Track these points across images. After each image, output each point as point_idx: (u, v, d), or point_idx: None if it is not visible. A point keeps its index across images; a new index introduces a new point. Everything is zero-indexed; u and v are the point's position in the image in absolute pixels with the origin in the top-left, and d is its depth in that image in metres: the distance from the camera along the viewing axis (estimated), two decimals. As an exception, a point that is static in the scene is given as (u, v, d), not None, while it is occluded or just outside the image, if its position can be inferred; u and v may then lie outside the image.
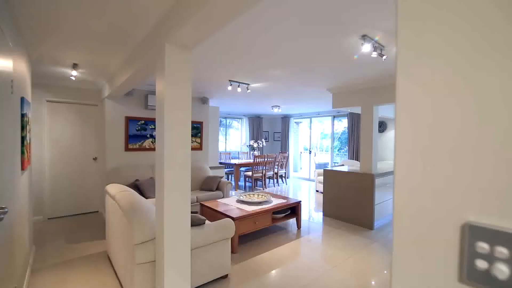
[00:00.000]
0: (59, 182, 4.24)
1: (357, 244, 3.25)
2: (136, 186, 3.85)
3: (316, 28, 2.08)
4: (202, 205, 3.54)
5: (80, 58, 2.91)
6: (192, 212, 2.37)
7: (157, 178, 1.84)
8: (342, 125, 8.34)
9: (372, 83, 3.84)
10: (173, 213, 1.79)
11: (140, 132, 4.41)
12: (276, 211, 3.47)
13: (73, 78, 3.44)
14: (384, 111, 5.21)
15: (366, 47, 2.20)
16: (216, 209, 3.24)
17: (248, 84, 4.15)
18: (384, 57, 2.42)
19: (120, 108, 4.23)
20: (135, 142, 4.37)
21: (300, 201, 3.79)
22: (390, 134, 6.37)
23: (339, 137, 8.75)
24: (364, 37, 2.17)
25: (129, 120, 4.29)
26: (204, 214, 3.51)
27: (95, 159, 4.54)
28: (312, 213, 4.70)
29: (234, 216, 2.96)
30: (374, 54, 2.30)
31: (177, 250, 1.82)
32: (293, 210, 3.79)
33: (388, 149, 6.41)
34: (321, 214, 4.60)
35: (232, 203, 3.55)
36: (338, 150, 8.73)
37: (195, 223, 2.20)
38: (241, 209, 3.27)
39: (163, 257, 1.77)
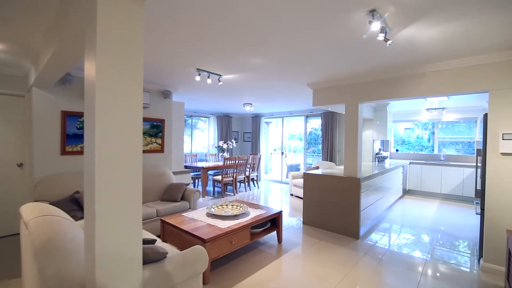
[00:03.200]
0: (-36, 197, 3.17)
1: (347, 259, 2.86)
2: (75, 200, 3.00)
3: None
4: (163, 222, 2.84)
5: (-18, 24, 2.04)
6: (146, 242, 1.71)
7: (86, 199, 1.17)
8: (309, 125, 8.12)
9: (357, 78, 3.51)
10: (112, 251, 1.15)
11: (82, 131, 3.53)
12: (254, 225, 2.92)
13: (-22, 56, 2.51)
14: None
15: (376, 25, 1.77)
16: (181, 227, 2.59)
17: (220, 76, 3.55)
18: (389, 41, 2.03)
19: (55, 100, 3.31)
20: (76, 144, 3.48)
21: (281, 211, 3.30)
22: (364, 134, 6.24)
23: (306, 138, 8.54)
24: (373, 12, 1.74)
25: (67, 116, 3.39)
26: (166, 233, 2.82)
27: (20, 165, 3.53)
28: (290, 221, 4.25)
29: (205, 237, 2.34)
30: (381, 37, 1.89)
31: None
32: (273, 221, 3.28)
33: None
34: (299, 221, 4.18)
35: (201, 217, 2.92)
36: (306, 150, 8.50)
37: (151, 259, 1.55)
38: (213, 225, 2.66)
39: (97, 326, 1.11)
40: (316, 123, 8.29)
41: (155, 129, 4.31)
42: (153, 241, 1.73)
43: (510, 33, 2.07)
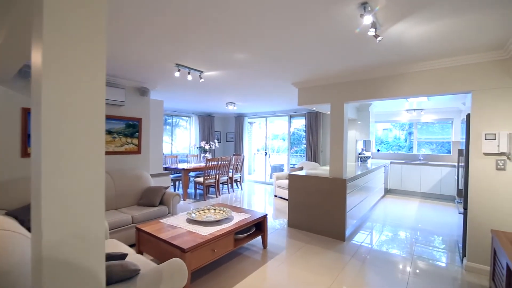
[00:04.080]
0: None
1: (335, 263, 2.77)
2: (38, 208, 2.68)
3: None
4: (138, 229, 2.60)
5: None
6: (115, 257, 1.50)
7: (33, 210, 0.96)
8: (292, 126, 8.10)
9: (343, 78, 3.45)
10: (65, 274, 0.94)
11: (47, 131, 3.18)
12: (238, 230, 2.76)
13: None
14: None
15: (368, 19, 1.67)
16: (158, 236, 2.37)
17: (202, 72, 3.35)
18: (379, 38, 1.95)
19: (13, 96, 2.95)
20: (39, 145, 3.13)
21: (266, 215, 3.16)
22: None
23: (290, 138, 8.50)
24: (365, 5, 1.65)
25: (29, 114, 3.04)
26: (142, 243, 2.59)
27: (-27, 169, 3.12)
28: (275, 223, 4.13)
29: (184, 246, 2.14)
30: (372, 32, 1.80)
31: None
32: (258, 225, 3.14)
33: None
34: (284, 223, 4.07)
35: (181, 223, 2.71)
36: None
37: (120, 278, 1.35)
38: (193, 232, 2.47)
39: None
40: (299, 123, 8.26)
41: (131, 129, 4.02)
42: (123, 256, 1.52)
43: (496, 33, 2.07)
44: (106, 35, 1.02)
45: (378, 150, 7.33)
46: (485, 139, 2.55)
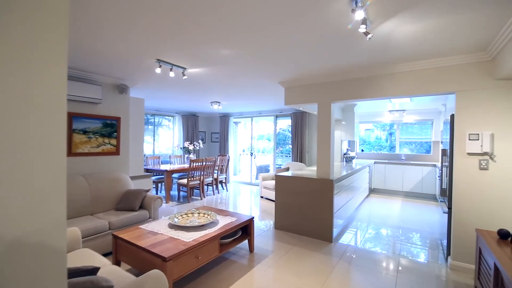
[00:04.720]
0: None
1: (323, 266, 2.71)
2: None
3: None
4: (115, 237, 2.41)
5: None
6: (85, 272, 1.33)
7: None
8: (278, 126, 8.06)
9: (331, 77, 3.41)
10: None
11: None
12: (224, 235, 2.63)
13: None
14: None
15: (359, 14, 1.61)
16: (137, 243, 2.19)
17: (185, 69, 3.19)
18: (369, 35, 1.90)
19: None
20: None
21: (253, 218, 3.05)
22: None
23: (276, 138, 8.44)
24: (356, 0, 1.58)
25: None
26: (120, 251, 2.40)
27: None
28: (261, 225, 4.03)
29: (166, 255, 1.99)
30: (363, 28, 1.74)
31: None
32: (244, 228, 3.02)
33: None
34: (270, 225, 3.98)
35: (162, 229, 2.54)
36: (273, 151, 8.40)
37: (90, 296, 1.19)
38: (176, 239, 2.31)
39: None
40: (284, 124, 8.23)
41: (108, 128, 3.77)
42: (95, 270, 1.35)
43: (480, 34, 2.08)
44: (68, 18, 0.87)
45: (362, 150, 7.43)
46: (469, 139, 2.58)
